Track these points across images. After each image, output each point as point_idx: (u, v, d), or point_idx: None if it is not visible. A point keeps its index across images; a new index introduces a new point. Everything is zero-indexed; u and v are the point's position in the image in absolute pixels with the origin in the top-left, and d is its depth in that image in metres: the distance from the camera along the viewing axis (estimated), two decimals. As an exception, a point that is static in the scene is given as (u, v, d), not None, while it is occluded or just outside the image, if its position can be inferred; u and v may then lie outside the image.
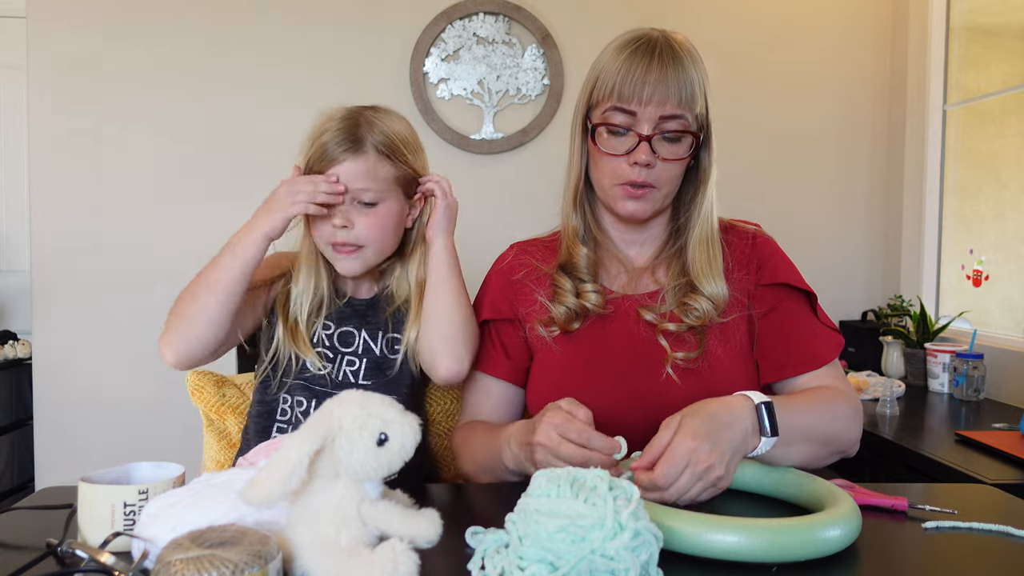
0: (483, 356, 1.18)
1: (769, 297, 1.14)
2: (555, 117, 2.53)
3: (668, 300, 1.12)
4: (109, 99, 2.44)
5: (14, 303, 3.61)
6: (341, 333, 1.21)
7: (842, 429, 1.04)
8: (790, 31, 2.63)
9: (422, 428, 0.70)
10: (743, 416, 0.90)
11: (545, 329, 1.14)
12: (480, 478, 1.11)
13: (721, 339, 1.11)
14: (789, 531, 0.73)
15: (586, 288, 1.13)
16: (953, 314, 2.34)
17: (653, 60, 1.05)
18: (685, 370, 1.08)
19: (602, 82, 1.08)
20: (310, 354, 1.17)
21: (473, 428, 1.16)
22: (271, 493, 0.63)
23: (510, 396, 1.19)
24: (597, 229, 1.19)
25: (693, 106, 1.07)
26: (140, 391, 2.47)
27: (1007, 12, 2.32)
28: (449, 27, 2.51)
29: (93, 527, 0.75)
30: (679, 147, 1.09)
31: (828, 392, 1.06)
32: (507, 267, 1.22)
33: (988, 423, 1.82)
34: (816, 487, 0.87)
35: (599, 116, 1.10)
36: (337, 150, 1.12)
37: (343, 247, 1.15)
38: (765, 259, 1.16)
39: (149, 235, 2.46)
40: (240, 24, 2.47)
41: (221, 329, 1.10)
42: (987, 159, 2.35)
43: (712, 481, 0.85)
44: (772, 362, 1.11)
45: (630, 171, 1.08)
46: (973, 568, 0.74)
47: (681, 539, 0.73)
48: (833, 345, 1.12)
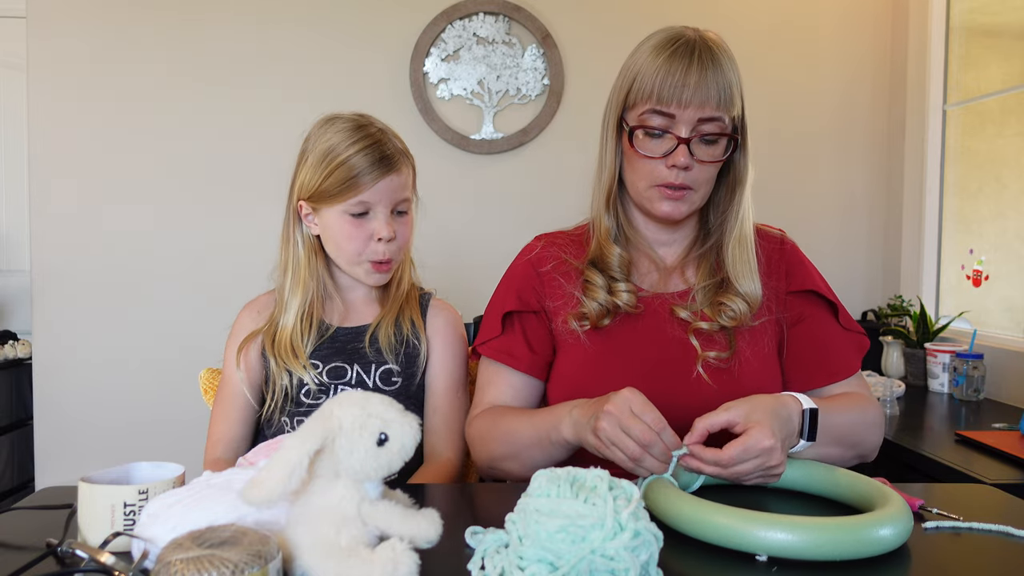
0: (506, 348, 1.16)
1: (798, 305, 1.15)
2: (555, 117, 2.53)
3: (699, 299, 1.13)
4: (109, 99, 2.44)
5: (14, 303, 3.61)
6: (330, 369, 1.22)
7: (869, 436, 1.07)
8: (790, 31, 2.63)
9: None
10: (795, 418, 0.92)
11: (577, 323, 1.13)
12: (506, 464, 1.08)
13: (750, 341, 1.11)
14: (842, 529, 0.73)
15: (619, 287, 1.12)
16: (953, 314, 2.34)
17: (693, 62, 1.04)
18: (716, 369, 1.08)
19: (640, 83, 1.07)
20: (301, 370, 1.19)
21: (502, 411, 1.13)
22: (271, 493, 0.63)
23: (530, 388, 1.17)
24: (630, 228, 1.18)
25: (731, 108, 1.07)
26: (140, 391, 2.47)
27: (1007, 12, 2.32)
28: (449, 27, 2.51)
29: (93, 527, 0.75)
30: (716, 149, 1.09)
31: (858, 399, 1.09)
32: (536, 258, 1.20)
33: (988, 423, 1.83)
34: (864, 486, 0.87)
35: (636, 118, 1.09)
36: (373, 173, 1.15)
37: (384, 264, 1.19)
38: (795, 265, 1.17)
39: (149, 235, 2.46)
40: (240, 24, 2.47)
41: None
42: (987, 159, 2.35)
43: (770, 476, 0.88)
44: (802, 372, 1.13)
45: (668, 173, 1.07)
46: (973, 568, 0.74)
47: (734, 536, 0.74)
48: (858, 352, 1.14)
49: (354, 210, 1.16)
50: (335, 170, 1.15)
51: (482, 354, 1.19)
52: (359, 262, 1.19)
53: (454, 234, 2.39)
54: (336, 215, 1.17)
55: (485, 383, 1.19)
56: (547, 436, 1.01)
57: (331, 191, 1.16)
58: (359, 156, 1.14)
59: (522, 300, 1.17)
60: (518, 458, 1.06)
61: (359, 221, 1.17)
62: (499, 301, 1.20)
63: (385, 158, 1.16)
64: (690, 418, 0.90)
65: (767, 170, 2.64)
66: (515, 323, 1.17)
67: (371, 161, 1.15)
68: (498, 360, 1.17)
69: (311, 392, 1.20)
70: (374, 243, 1.17)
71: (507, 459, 1.08)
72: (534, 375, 1.16)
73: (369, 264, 1.19)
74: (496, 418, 1.12)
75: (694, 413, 0.91)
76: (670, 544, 0.74)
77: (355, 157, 1.14)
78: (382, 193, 1.16)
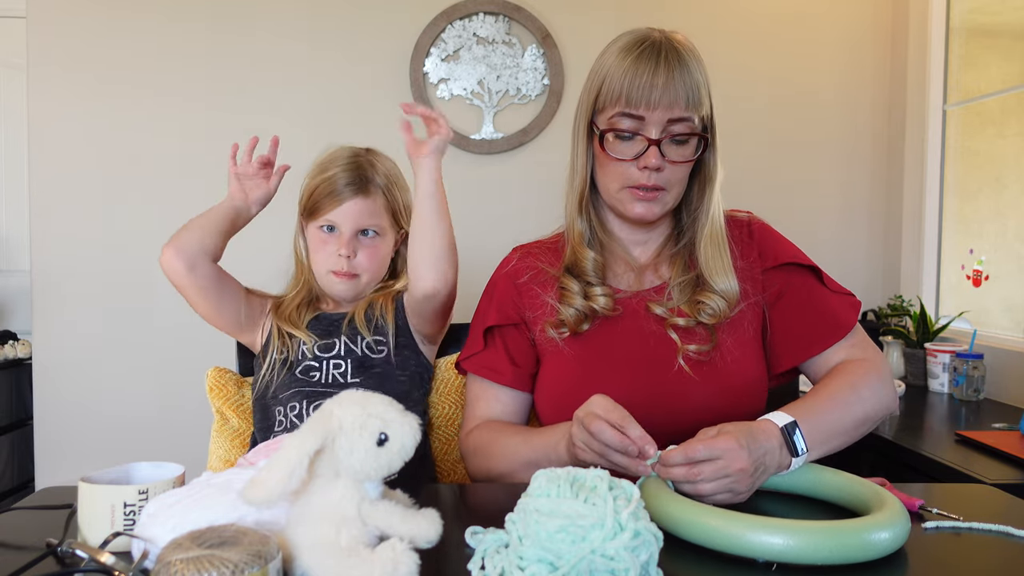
0: (489, 364, 1.17)
1: (777, 280, 1.15)
2: (555, 117, 2.53)
3: (675, 295, 1.13)
4: (109, 99, 2.44)
5: (14, 303, 3.61)
6: (321, 345, 1.28)
7: (871, 407, 1.04)
8: (790, 31, 2.63)
9: (423, 432, 0.70)
10: (772, 436, 0.91)
11: (555, 331, 1.14)
12: (505, 480, 1.09)
13: (730, 331, 1.11)
14: (839, 533, 0.72)
15: (595, 291, 1.13)
16: (953, 314, 2.34)
17: (660, 64, 1.04)
18: (697, 362, 1.08)
19: (608, 87, 1.08)
20: (301, 333, 1.27)
21: (499, 428, 1.13)
22: (271, 493, 0.63)
23: (517, 402, 1.18)
24: (603, 231, 1.19)
25: (700, 108, 1.07)
26: (140, 391, 2.47)
27: (1007, 12, 2.32)
28: (449, 27, 2.51)
29: (93, 527, 0.75)
30: (686, 149, 1.09)
31: (850, 372, 1.06)
32: (512, 270, 1.21)
33: (988, 423, 1.82)
34: (862, 489, 0.86)
35: (606, 122, 1.09)
36: (347, 190, 1.27)
37: (343, 274, 1.28)
38: (765, 243, 1.17)
39: (149, 235, 2.45)
40: (240, 24, 2.47)
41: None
42: (987, 159, 2.35)
43: (735, 485, 0.87)
44: (797, 343, 1.12)
45: (639, 175, 1.08)
46: (973, 568, 0.74)
47: (727, 539, 0.73)
48: (851, 310, 1.12)
49: (324, 224, 1.28)
50: (319, 185, 1.28)
51: (467, 370, 1.21)
52: (325, 272, 1.30)
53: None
54: (314, 231, 1.30)
55: (474, 398, 1.20)
56: (545, 458, 1.02)
57: (313, 205, 1.28)
58: (339, 172, 1.27)
59: (502, 314, 1.18)
60: (516, 476, 1.07)
61: (327, 236, 1.29)
62: (480, 316, 1.21)
63: (361, 180, 1.27)
64: (675, 412, 0.91)
65: (767, 170, 2.65)
66: (496, 338, 1.19)
67: (348, 179, 1.27)
68: (482, 376, 1.18)
69: (306, 369, 1.25)
70: (335, 256, 1.28)
71: (505, 476, 1.09)
72: (519, 388, 1.17)
73: (332, 273, 1.29)
74: (494, 435, 1.12)
75: (679, 406, 0.91)
76: (669, 545, 0.74)
77: (335, 172, 1.27)
78: (346, 214, 1.27)
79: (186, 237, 1.23)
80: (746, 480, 0.86)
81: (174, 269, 1.21)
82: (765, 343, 1.16)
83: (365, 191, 1.28)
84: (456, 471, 1.35)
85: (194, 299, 1.25)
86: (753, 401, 1.11)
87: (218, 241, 1.25)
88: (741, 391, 1.09)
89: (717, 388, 1.07)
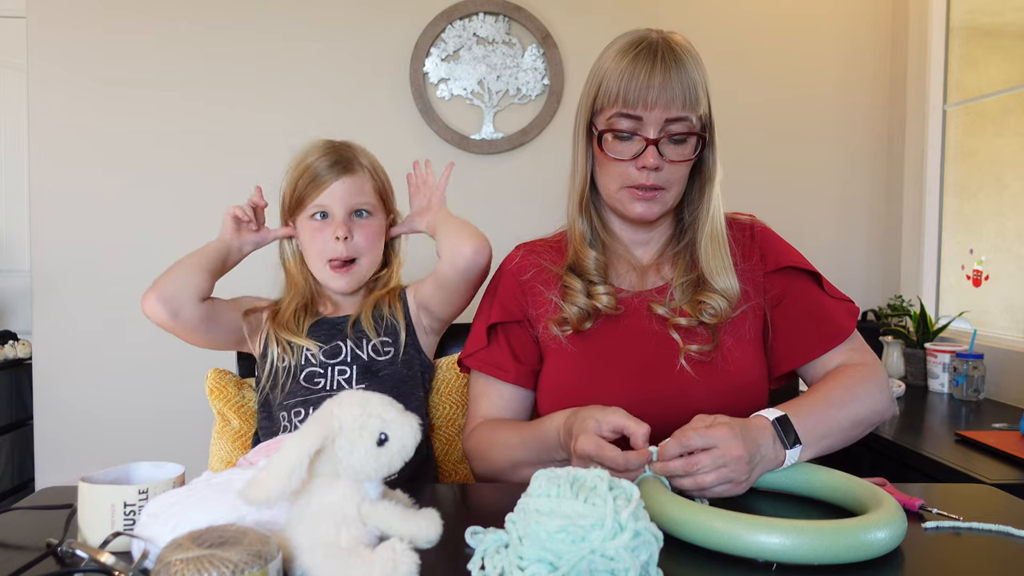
0: (493, 360, 1.17)
1: (778, 284, 1.15)
2: (555, 117, 2.53)
3: (677, 296, 1.13)
4: (109, 99, 2.44)
5: (14, 303, 3.61)
6: (326, 351, 1.26)
7: (866, 409, 1.04)
8: (790, 31, 2.63)
9: (425, 433, 0.70)
10: (765, 432, 0.92)
11: (558, 328, 1.14)
12: (507, 476, 1.09)
13: (731, 331, 1.12)
14: (835, 533, 0.72)
15: (598, 290, 1.13)
16: (953, 314, 2.34)
17: (656, 63, 1.05)
18: (699, 362, 1.09)
19: (606, 88, 1.09)
20: (304, 341, 1.25)
21: (500, 425, 1.14)
22: (271, 493, 0.63)
23: (520, 399, 1.19)
24: (604, 232, 1.19)
25: (697, 107, 1.07)
26: (140, 391, 2.47)
27: (1007, 12, 2.32)
28: (449, 27, 2.51)
29: (93, 527, 0.75)
30: (685, 148, 1.10)
31: (846, 375, 1.06)
32: (516, 267, 1.22)
33: (988, 423, 1.82)
34: (858, 489, 0.86)
35: (604, 122, 1.10)
36: (331, 171, 1.25)
37: (339, 263, 1.25)
38: (767, 247, 1.18)
39: (149, 235, 2.46)
40: (240, 24, 2.47)
41: None
42: (987, 159, 2.35)
43: (733, 488, 0.88)
44: (796, 347, 1.12)
45: (638, 175, 1.09)
46: (973, 568, 0.74)
47: (727, 539, 0.73)
48: (850, 316, 1.13)
49: (315, 212, 1.26)
50: (301, 175, 1.26)
51: (470, 367, 1.20)
52: (323, 266, 1.27)
53: (454, 234, 2.38)
54: (304, 223, 1.27)
55: (476, 396, 1.20)
56: (547, 455, 1.02)
57: (297, 198, 1.27)
58: (319, 159, 1.26)
59: (505, 310, 1.18)
60: (518, 471, 1.08)
61: (321, 224, 1.26)
62: (483, 313, 1.21)
63: (343, 160, 1.26)
64: (676, 412, 0.91)
65: (767, 170, 2.65)
66: (499, 334, 1.19)
67: (329, 163, 1.25)
68: (486, 372, 1.18)
69: (310, 375, 1.23)
70: (332, 242, 1.24)
71: (507, 472, 1.10)
72: (522, 385, 1.18)
73: (329, 266, 1.26)
74: (493, 433, 1.13)
75: (680, 406, 0.92)
76: (669, 545, 0.74)
77: (315, 160, 1.26)
78: (336, 195, 1.24)
79: (168, 285, 1.17)
80: (744, 468, 0.87)
81: (157, 317, 1.17)
82: (766, 345, 1.16)
83: (351, 169, 1.26)
84: (458, 472, 1.35)
85: (185, 339, 1.23)
86: (754, 401, 1.11)
87: (206, 280, 1.21)
88: (742, 391, 1.10)
89: (718, 388, 1.08)
